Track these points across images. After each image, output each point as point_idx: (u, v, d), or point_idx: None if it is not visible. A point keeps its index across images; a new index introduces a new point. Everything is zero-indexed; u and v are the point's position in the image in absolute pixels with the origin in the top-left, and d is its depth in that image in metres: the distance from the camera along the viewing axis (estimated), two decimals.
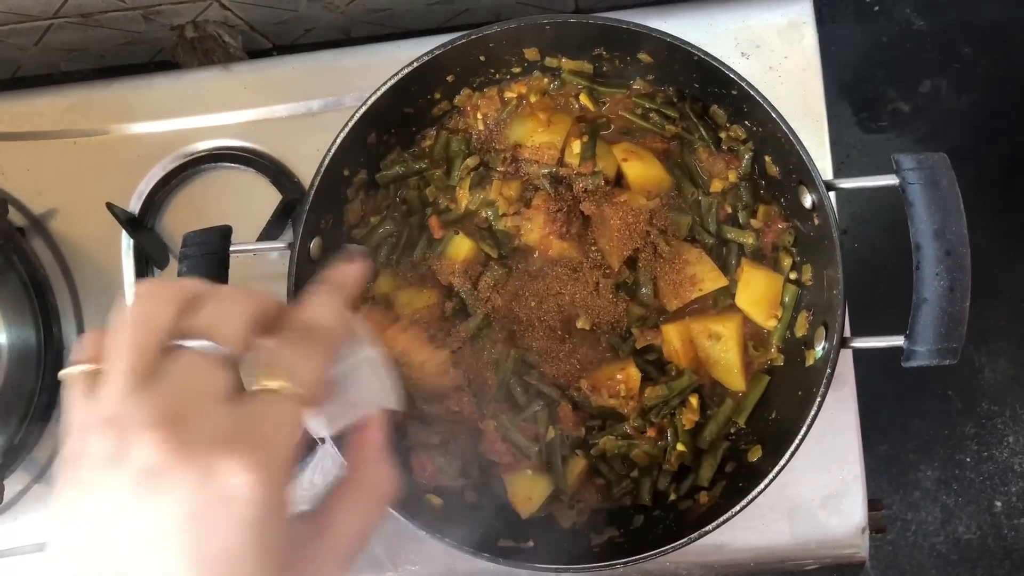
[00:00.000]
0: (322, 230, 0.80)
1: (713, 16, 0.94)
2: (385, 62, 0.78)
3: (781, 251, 0.82)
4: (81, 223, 0.99)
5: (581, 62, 0.84)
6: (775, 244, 0.83)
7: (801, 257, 0.81)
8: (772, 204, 0.82)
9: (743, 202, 0.83)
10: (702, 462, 0.81)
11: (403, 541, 0.92)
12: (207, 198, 0.99)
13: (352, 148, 0.78)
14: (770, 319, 0.81)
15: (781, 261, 0.82)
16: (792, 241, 0.82)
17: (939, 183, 0.65)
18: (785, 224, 0.81)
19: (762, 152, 0.80)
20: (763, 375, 0.82)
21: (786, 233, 0.82)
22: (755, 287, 0.81)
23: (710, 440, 0.82)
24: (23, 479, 0.97)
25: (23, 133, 1.01)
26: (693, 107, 0.83)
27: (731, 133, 0.82)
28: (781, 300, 0.81)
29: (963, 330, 0.65)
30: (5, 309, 0.94)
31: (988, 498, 1.44)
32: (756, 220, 0.83)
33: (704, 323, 0.82)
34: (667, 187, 0.84)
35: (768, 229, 0.82)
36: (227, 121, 0.98)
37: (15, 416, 0.95)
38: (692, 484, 0.81)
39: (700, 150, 0.84)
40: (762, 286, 0.81)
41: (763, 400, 0.81)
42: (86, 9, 1.00)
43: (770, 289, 0.81)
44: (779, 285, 0.81)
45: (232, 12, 1.05)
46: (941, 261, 0.64)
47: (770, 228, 0.82)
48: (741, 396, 0.82)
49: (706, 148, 0.84)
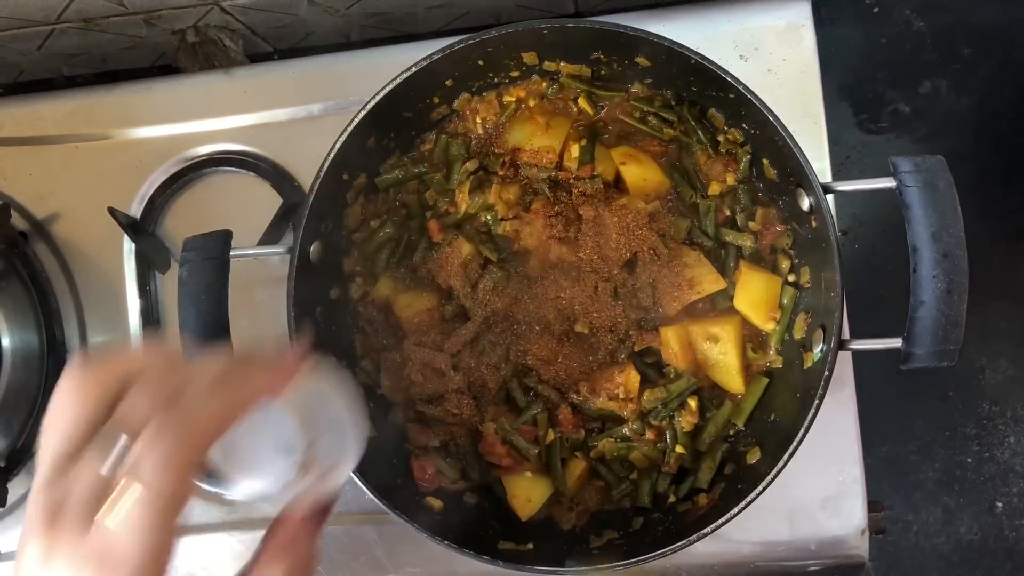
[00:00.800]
0: (322, 234, 0.80)
1: (712, 19, 0.94)
2: (385, 66, 0.79)
3: (779, 253, 0.83)
4: (83, 227, 1.00)
5: (579, 66, 0.84)
6: (773, 246, 0.83)
7: (799, 260, 0.81)
8: (770, 207, 0.83)
9: (741, 204, 0.83)
10: (701, 464, 0.82)
11: (403, 544, 0.92)
12: (208, 202, 0.99)
13: (352, 152, 0.79)
14: (768, 321, 0.81)
15: (779, 263, 0.82)
16: (790, 243, 0.82)
17: (936, 186, 0.66)
18: (783, 227, 0.82)
19: (760, 155, 0.81)
20: (762, 377, 0.82)
21: (784, 235, 0.82)
22: (753, 289, 0.81)
23: (709, 442, 0.82)
24: (26, 482, 0.97)
25: (25, 138, 1.02)
26: (691, 111, 0.83)
27: (729, 136, 0.82)
28: (780, 302, 0.82)
29: (960, 332, 0.65)
30: (8, 313, 0.95)
31: (989, 499, 1.44)
32: (754, 223, 0.83)
33: (703, 325, 0.82)
34: (665, 190, 0.85)
35: (766, 231, 0.83)
36: (228, 125, 0.99)
37: (18, 419, 0.95)
38: (691, 486, 0.81)
39: (698, 153, 0.84)
40: (760, 288, 0.81)
41: (762, 402, 0.82)
42: (88, 14, 1.01)
43: (768, 291, 0.81)
44: (777, 287, 0.81)
45: (233, 16, 1.06)
46: (938, 264, 0.64)
47: (768, 230, 0.83)
48: (740, 398, 0.82)
49: (704, 151, 0.84)
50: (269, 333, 0.95)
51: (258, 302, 0.96)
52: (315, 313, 0.81)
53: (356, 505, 0.93)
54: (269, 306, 0.95)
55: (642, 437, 0.82)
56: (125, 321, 0.98)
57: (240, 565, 0.97)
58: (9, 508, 0.97)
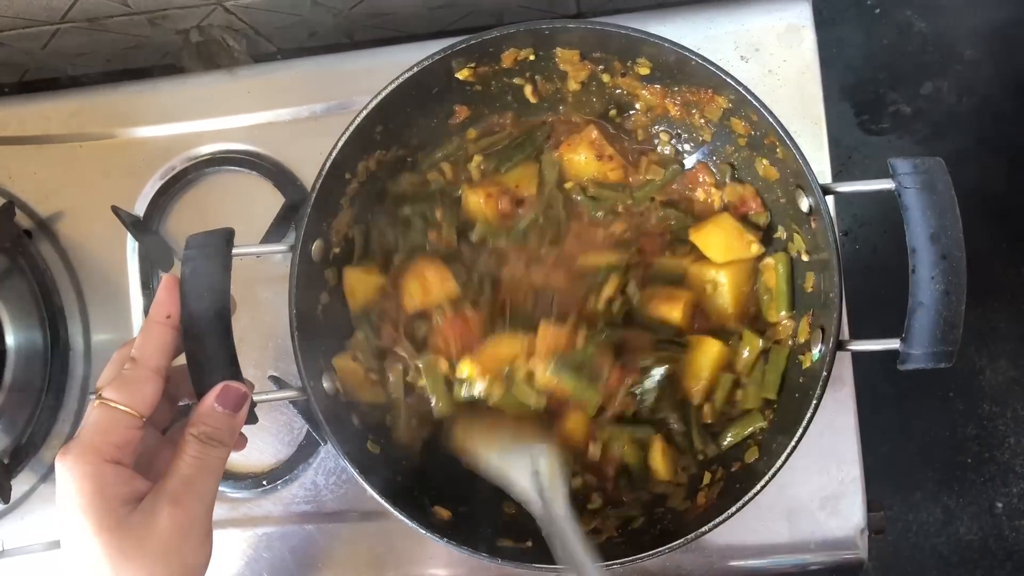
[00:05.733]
0: (323, 232, 0.80)
1: (712, 19, 0.95)
2: (388, 66, 0.79)
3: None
4: (87, 226, 1.00)
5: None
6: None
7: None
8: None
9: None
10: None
11: (403, 542, 0.93)
12: (211, 201, 1.00)
13: (354, 152, 0.79)
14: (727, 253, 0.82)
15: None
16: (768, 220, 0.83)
17: (935, 187, 0.66)
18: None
19: (759, 155, 0.81)
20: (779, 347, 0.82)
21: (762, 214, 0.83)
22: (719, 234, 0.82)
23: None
24: (30, 479, 0.98)
25: (30, 137, 1.02)
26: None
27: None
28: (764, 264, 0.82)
29: (958, 333, 0.66)
30: (12, 311, 0.96)
31: (989, 499, 1.44)
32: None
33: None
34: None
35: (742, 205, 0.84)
36: (231, 125, 0.99)
37: (22, 417, 0.96)
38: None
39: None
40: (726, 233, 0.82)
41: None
42: (92, 14, 1.01)
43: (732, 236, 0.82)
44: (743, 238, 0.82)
45: (236, 17, 1.06)
46: (936, 265, 0.65)
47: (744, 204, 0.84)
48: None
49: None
50: (270, 331, 0.96)
51: (260, 300, 0.96)
52: (317, 310, 0.81)
53: (356, 504, 0.94)
54: (271, 304, 0.96)
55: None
56: (129, 319, 0.99)
57: (240, 563, 0.98)
58: (13, 505, 0.97)
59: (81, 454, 0.62)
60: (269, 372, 0.96)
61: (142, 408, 0.64)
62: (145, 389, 0.65)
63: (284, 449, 0.96)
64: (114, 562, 0.60)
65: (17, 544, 0.98)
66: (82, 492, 0.61)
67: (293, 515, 0.95)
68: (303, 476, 0.95)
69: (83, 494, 0.61)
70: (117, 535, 0.60)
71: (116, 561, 0.60)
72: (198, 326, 0.67)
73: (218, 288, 0.68)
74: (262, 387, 0.82)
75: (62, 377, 0.99)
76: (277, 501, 0.95)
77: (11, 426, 0.95)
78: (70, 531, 0.61)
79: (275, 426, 0.96)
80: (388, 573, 0.93)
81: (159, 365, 0.67)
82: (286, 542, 0.95)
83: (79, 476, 0.61)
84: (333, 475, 0.95)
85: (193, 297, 0.68)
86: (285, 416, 0.96)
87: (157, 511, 0.62)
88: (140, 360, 0.66)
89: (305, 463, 0.95)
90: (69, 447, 0.62)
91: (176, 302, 0.68)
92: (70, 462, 0.61)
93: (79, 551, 0.61)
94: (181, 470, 0.64)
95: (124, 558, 0.60)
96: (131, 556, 0.60)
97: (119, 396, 0.64)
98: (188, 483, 0.63)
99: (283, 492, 0.95)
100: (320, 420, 0.75)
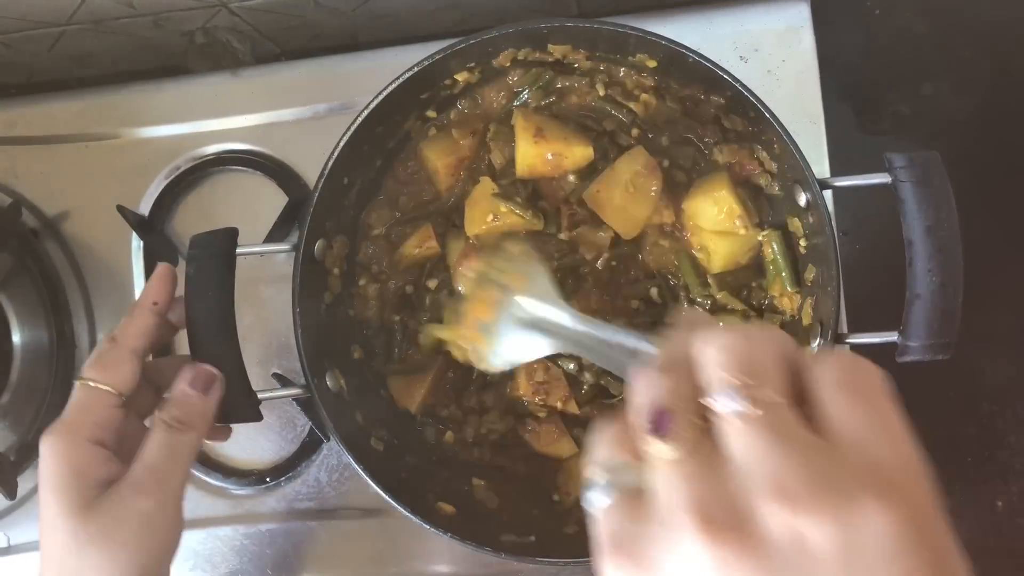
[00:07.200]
0: (326, 231, 0.81)
1: (711, 20, 0.96)
2: (391, 66, 0.80)
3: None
4: (93, 225, 1.01)
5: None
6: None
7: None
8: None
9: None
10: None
11: (406, 538, 0.93)
12: (215, 201, 1.01)
13: (356, 151, 0.80)
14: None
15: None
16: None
17: (931, 180, 0.66)
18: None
19: (757, 153, 0.82)
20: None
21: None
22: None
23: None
24: (35, 476, 0.98)
25: (36, 137, 1.03)
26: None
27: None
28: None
29: (956, 325, 0.66)
30: (19, 309, 0.96)
31: (989, 499, 1.44)
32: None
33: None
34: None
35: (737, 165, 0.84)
36: (235, 125, 1.00)
37: (28, 414, 0.97)
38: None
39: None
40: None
41: None
42: (98, 16, 1.02)
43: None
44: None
45: (241, 18, 1.07)
46: (933, 257, 0.65)
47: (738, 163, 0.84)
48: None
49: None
50: (273, 329, 0.97)
51: (264, 298, 0.97)
52: (320, 308, 0.82)
53: (359, 500, 0.94)
54: (274, 302, 0.97)
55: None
56: None
57: (243, 559, 0.99)
58: (19, 501, 0.98)
59: (62, 433, 0.63)
60: (273, 370, 0.96)
61: (120, 386, 0.65)
62: (123, 368, 0.66)
63: (287, 446, 0.96)
64: (80, 545, 0.61)
65: (23, 540, 0.98)
66: (59, 473, 0.62)
67: (296, 512, 0.95)
68: (306, 473, 0.95)
69: (59, 474, 0.62)
70: (84, 519, 0.61)
71: (82, 544, 0.61)
72: (202, 325, 0.68)
73: (222, 287, 0.69)
74: (266, 385, 0.82)
75: (67, 375, 0.99)
76: (280, 498, 0.96)
77: (17, 423, 0.96)
78: (42, 510, 0.63)
79: (278, 423, 0.97)
80: (391, 569, 0.93)
81: (137, 346, 0.68)
82: (289, 538, 0.95)
83: (57, 455, 0.62)
84: (336, 472, 0.95)
85: (197, 296, 0.69)
86: (288, 413, 0.97)
87: (123, 498, 0.62)
88: (119, 340, 0.68)
89: (308, 460, 0.95)
90: (52, 427, 0.63)
91: (167, 291, 0.70)
92: (51, 441, 0.63)
93: (49, 531, 0.62)
94: (146, 457, 0.64)
95: (90, 542, 0.61)
96: (95, 541, 0.61)
97: (96, 374, 0.65)
98: (153, 470, 0.64)
99: (286, 489, 0.96)
100: (324, 417, 0.75)
